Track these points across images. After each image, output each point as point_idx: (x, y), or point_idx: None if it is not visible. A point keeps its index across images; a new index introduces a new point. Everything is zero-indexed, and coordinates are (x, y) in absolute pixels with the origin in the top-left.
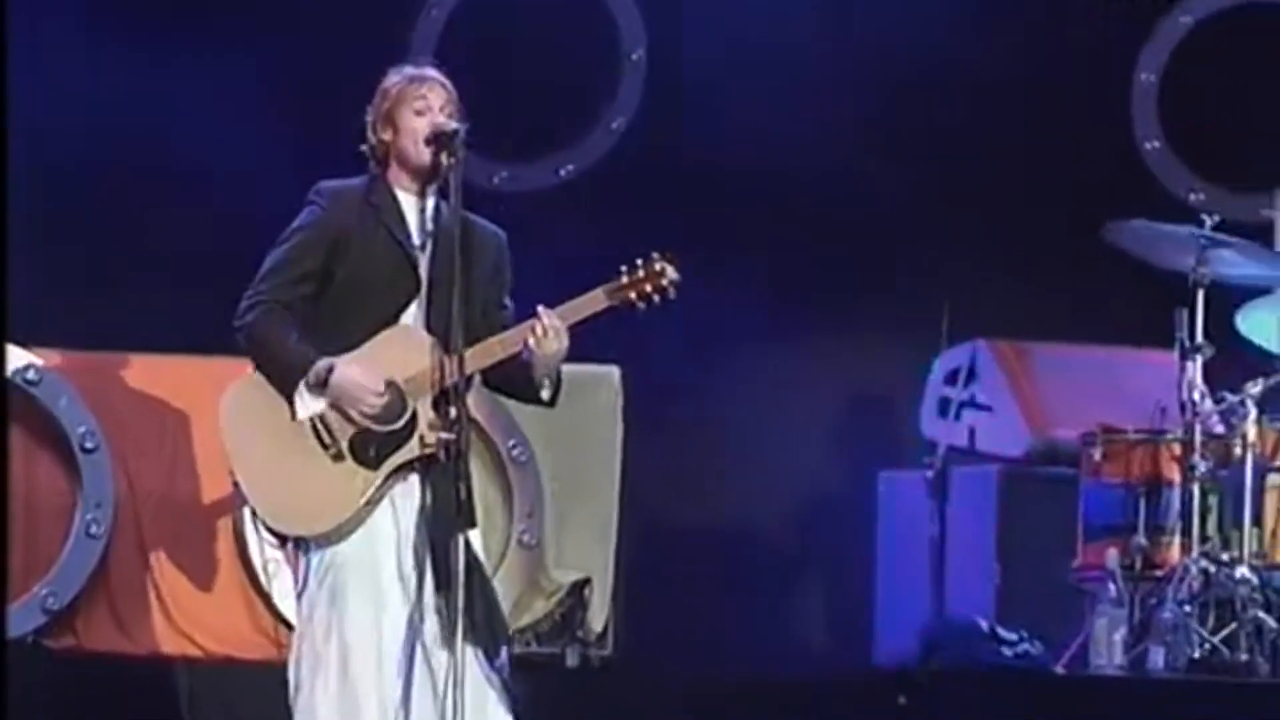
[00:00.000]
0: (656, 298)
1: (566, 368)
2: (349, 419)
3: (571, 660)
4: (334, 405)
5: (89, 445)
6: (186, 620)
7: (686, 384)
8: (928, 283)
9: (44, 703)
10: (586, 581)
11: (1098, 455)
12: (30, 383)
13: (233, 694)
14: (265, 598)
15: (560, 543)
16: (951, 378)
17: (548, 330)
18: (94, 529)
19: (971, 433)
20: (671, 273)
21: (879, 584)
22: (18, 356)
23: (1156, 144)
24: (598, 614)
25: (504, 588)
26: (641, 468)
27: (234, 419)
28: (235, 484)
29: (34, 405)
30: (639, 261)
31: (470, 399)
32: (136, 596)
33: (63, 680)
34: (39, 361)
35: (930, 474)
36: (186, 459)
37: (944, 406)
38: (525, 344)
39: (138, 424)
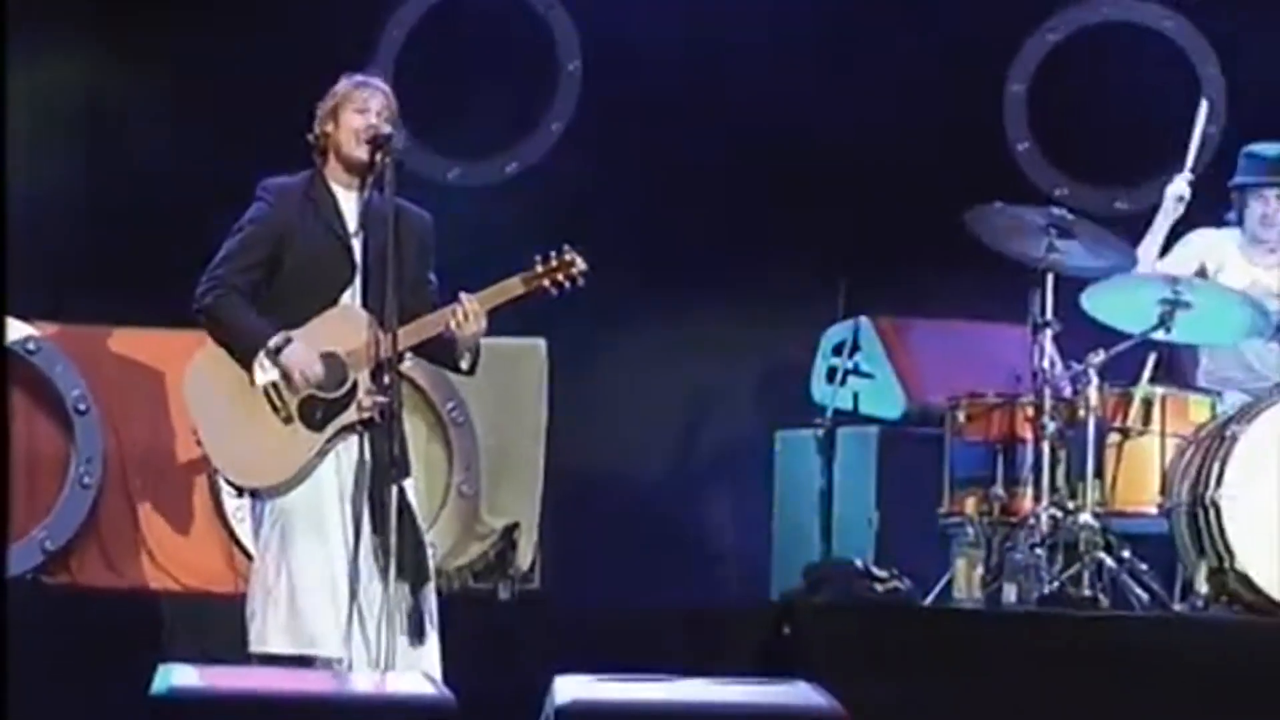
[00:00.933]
0: (567, 285)
1: (501, 340)
2: (297, 387)
3: (503, 594)
4: (286, 373)
5: (81, 407)
6: (167, 559)
7: (609, 353)
8: (819, 267)
9: (41, 632)
10: (515, 526)
11: (961, 417)
12: (30, 352)
13: (207, 623)
14: (235, 539)
15: (493, 492)
16: (838, 349)
17: (468, 314)
18: (86, 480)
19: (855, 397)
20: (580, 263)
21: (775, 528)
22: (18, 329)
23: (1026, 145)
24: (526, 554)
25: (445, 532)
26: (567, 426)
27: (196, 387)
28: (198, 443)
29: (33, 372)
30: (552, 253)
31: (415, 369)
32: (123, 538)
33: (58, 612)
34: (37, 333)
35: (819, 433)
36: (166, 419)
37: (832, 374)
38: (447, 325)
39: (124, 388)
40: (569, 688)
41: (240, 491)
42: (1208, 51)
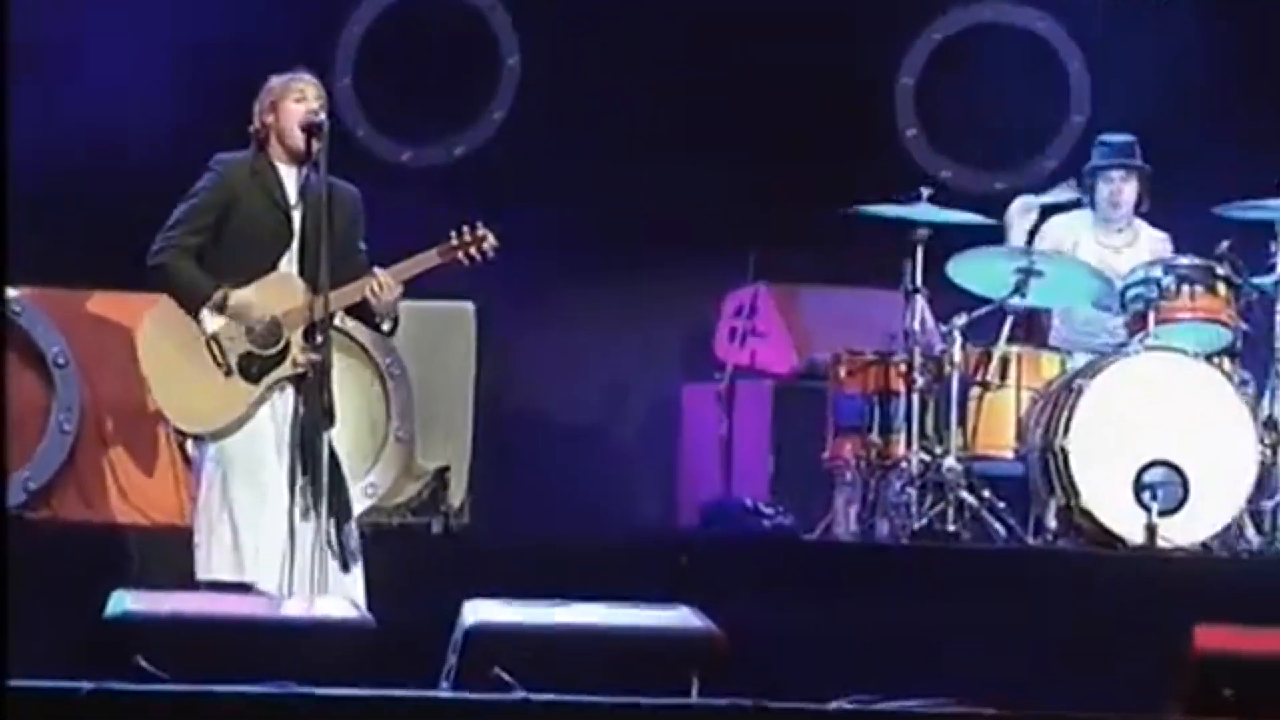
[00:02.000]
0: (478, 257)
1: (434, 303)
2: (237, 341)
3: (436, 529)
4: (231, 319)
5: (60, 361)
6: (136, 496)
7: (536, 315)
8: (725, 241)
9: (23, 562)
10: (447, 468)
11: (843, 372)
12: (15, 313)
13: (173, 553)
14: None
15: (427, 438)
16: (737, 312)
17: (382, 285)
18: (65, 427)
19: (753, 355)
20: (491, 239)
21: (681, 472)
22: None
23: (914, 132)
24: (456, 493)
25: (383, 473)
26: (497, 380)
27: (147, 343)
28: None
29: (18, 331)
30: (465, 229)
31: (357, 328)
32: (97, 478)
33: (39, 544)
34: (20, 295)
35: (721, 387)
36: (136, 373)
37: (732, 334)
38: (365, 294)
39: (99, 345)
40: (477, 610)
41: (185, 435)
42: (1075, 50)
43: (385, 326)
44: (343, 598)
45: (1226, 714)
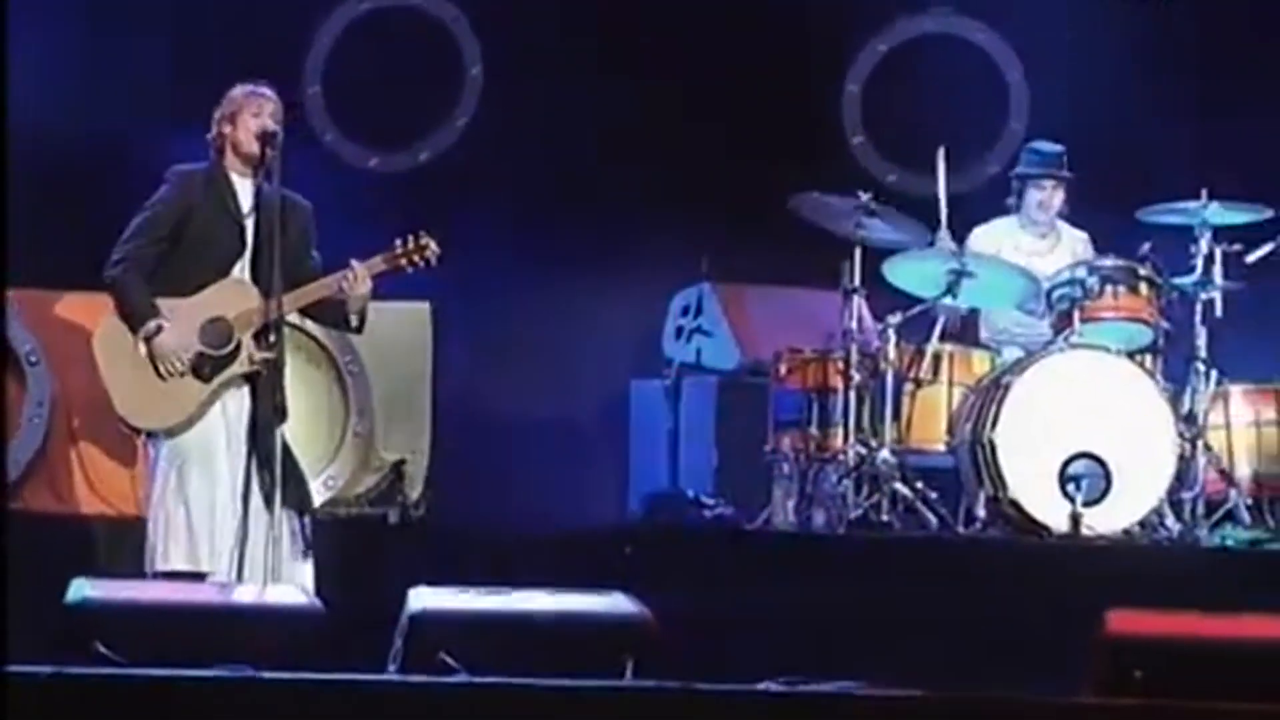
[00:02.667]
0: (422, 263)
1: (392, 304)
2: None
3: (393, 519)
4: (152, 358)
5: (33, 360)
6: (104, 487)
7: (494, 312)
8: (673, 244)
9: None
10: (404, 461)
11: (784, 369)
12: None
13: (136, 542)
14: None
15: (386, 432)
16: (684, 311)
17: (357, 276)
18: (36, 421)
19: (698, 352)
20: (433, 247)
21: (631, 464)
22: None
23: (860, 139)
24: (414, 484)
25: (343, 466)
26: (456, 376)
27: (103, 344)
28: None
29: None
30: (410, 237)
31: (320, 329)
32: (67, 470)
33: (11, 534)
34: None
35: (668, 383)
36: None
37: (679, 332)
38: (340, 287)
39: (68, 344)
40: (422, 597)
41: (138, 432)
42: (1014, 60)
43: (354, 321)
44: (293, 585)
45: (1136, 694)
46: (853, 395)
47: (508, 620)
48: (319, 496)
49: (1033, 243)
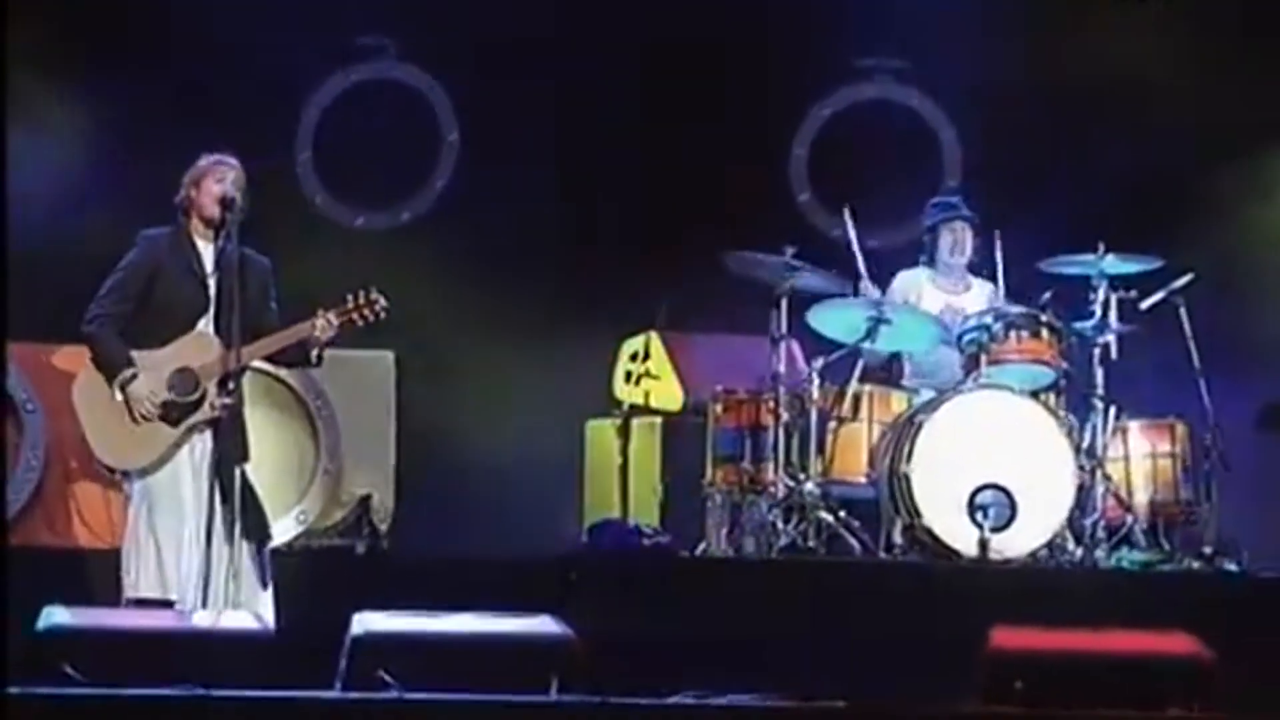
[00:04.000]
0: (372, 318)
1: (357, 352)
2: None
3: (360, 549)
4: (127, 402)
5: (30, 408)
6: (95, 523)
7: (458, 359)
8: (624, 293)
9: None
10: (369, 496)
11: (719, 408)
12: None
13: None
14: None
15: (352, 470)
16: (633, 357)
17: (327, 323)
18: (32, 463)
19: (646, 394)
20: (382, 301)
21: (585, 497)
22: None
23: (806, 196)
24: (380, 518)
25: (314, 501)
26: (418, 418)
27: (82, 393)
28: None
29: None
30: (360, 293)
31: (290, 376)
32: (61, 508)
33: (14, 565)
34: None
35: (618, 422)
36: None
37: (628, 376)
38: (312, 331)
39: (62, 393)
40: (364, 621)
41: (113, 472)
42: (946, 122)
43: (314, 360)
44: (247, 612)
45: (1016, 703)
46: (782, 432)
47: (443, 641)
48: (292, 530)
49: (950, 286)
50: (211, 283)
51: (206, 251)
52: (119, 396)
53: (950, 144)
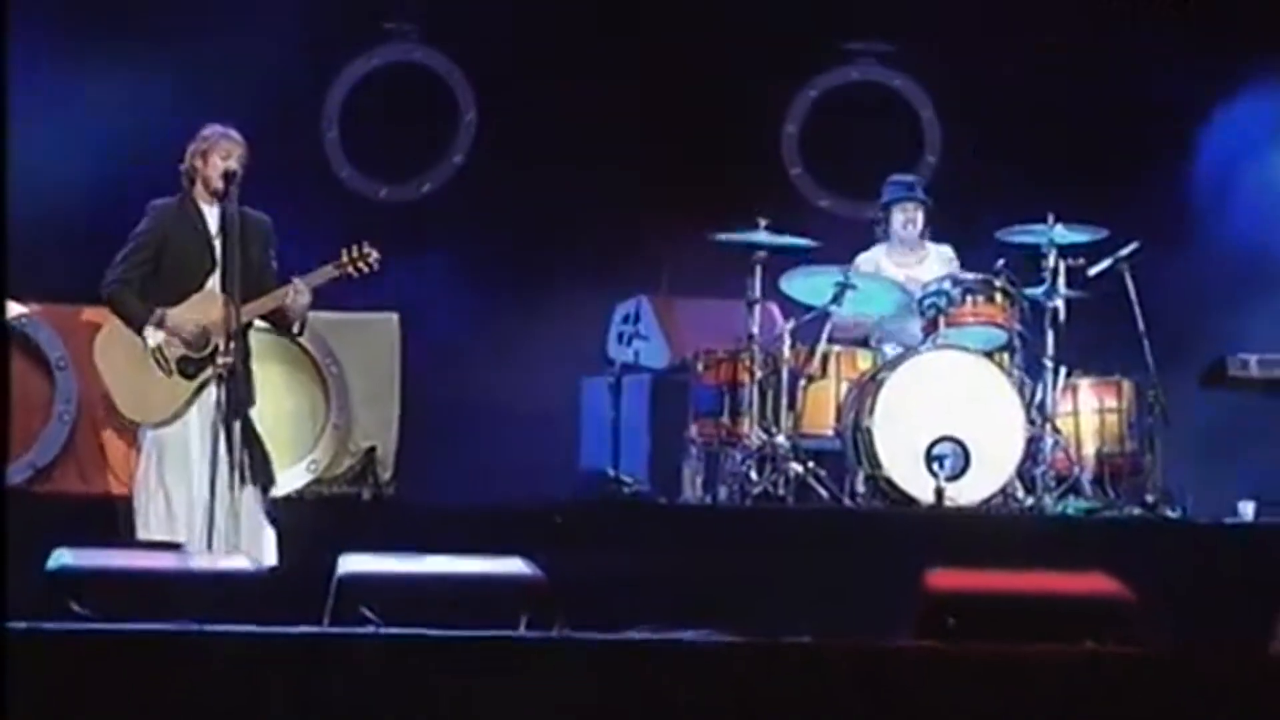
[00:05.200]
0: (366, 270)
1: (364, 314)
2: (174, 347)
3: (366, 496)
4: (170, 334)
5: (61, 365)
6: (121, 470)
7: (465, 322)
8: (623, 259)
9: (31, 526)
10: (375, 448)
11: (700, 367)
12: (24, 325)
13: None
14: None
15: (360, 423)
16: (625, 319)
17: (298, 290)
18: (64, 416)
19: (636, 354)
20: (375, 255)
21: (581, 449)
22: (14, 308)
23: (798, 171)
24: (385, 467)
25: (324, 452)
26: (424, 375)
27: (103, 351)
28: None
29: (27, 339)
30: (354, 246)
31: (304, 338)
32: (91, 456)
33: (43, 512)
34: (28, 310)
35: (611, 380)
36: None
37: (620, 336)
38: (284, 300)
39: (90, 350)
40: (349, 563)
41: (131, 423)
42: (926, 101)
43: (296, 329)
44: (243, 554)
45: (948, 638)
46: (756, 389)
47: (421, 581)
48: (304, 477)
49: (904, 257)
50: (217, 244)
51: (211, 215)
52: (159, 337)
53: (930, 121)
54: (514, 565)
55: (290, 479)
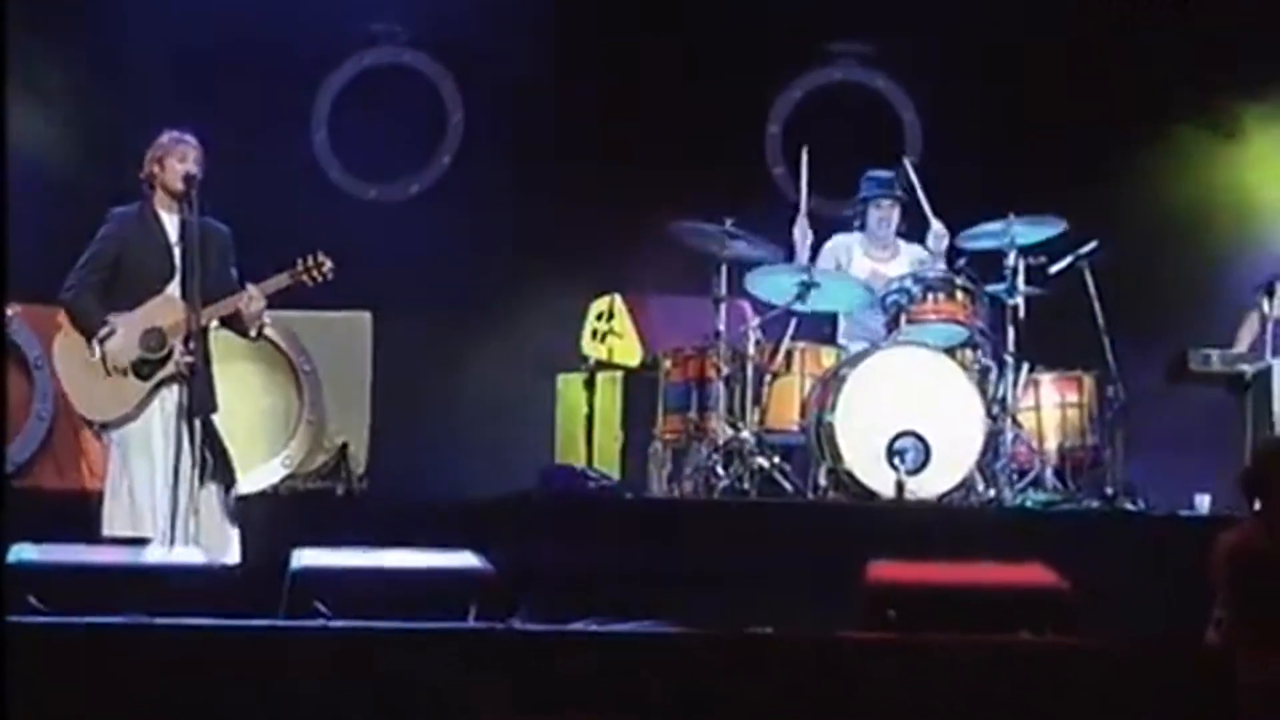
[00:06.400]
0: (319, 278)
1: (338, 313)
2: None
3: (340, 491)
4: (103, 358)
5: (39, 364)
6: (97, 467)
7: (445, 320)
8: (603, 257)
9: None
10: (347, 444)
11: (669, 364)
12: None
13: None
14: None
15: (333, 420)
16: (599, 316)
17: (253, 297)
18: (42, 414)
19: (610, 351)
20: (329, 264)
21: (556, 443)
22: None
23: (780, 170)
24: (357, 463)
25: (298, 448)
26: (402, 372)
27: (61, 353)
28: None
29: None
30: (308, 257)
31: (276, 335)
32: (68, 453)
33: (22, 506)
34: (10, 312)
35: (585, 376)
36: None
37: (595, 334)
38: (239, 306)
39: None
40: (302, 557)
41: (91, 425)
42: (908, 102)
43: (252, 333)
44: (202, 549)
45: (888, 629)
46: (723, 385)
47: (372, 575)
48: (279, 473)
49: (877, 253)
50: (176, 251)
51: (170, 222)
52: (98, 352)
53: (911, 122)
54: (464, 559)
55: (265, 474)
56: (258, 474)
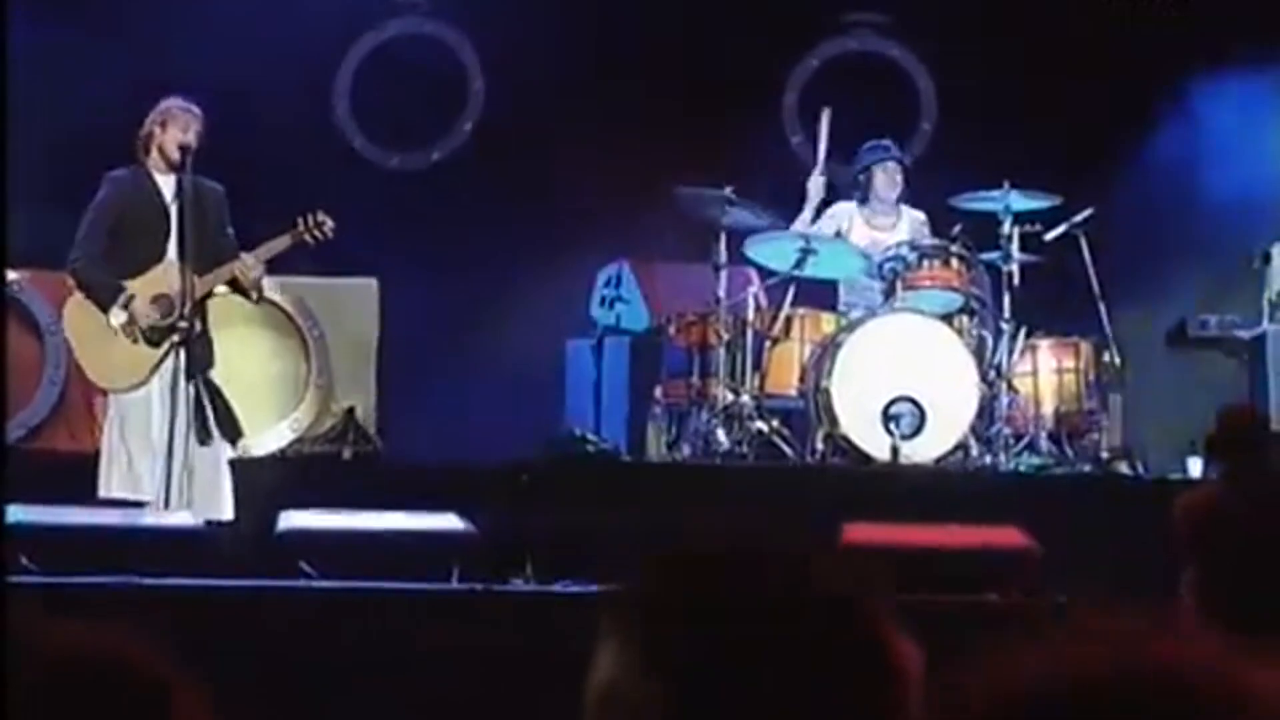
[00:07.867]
0: (321, 237)
1: (345, 280)
2: (146, 318)
3: (347, 454)
4: (133, 318)
5: (51, 330)
6: None
7: (460, 284)
8: (609, 224)
9: (24, 482)
10: (353, 408)
11: (672, 329)
12: (17, 291)
13: None
14: None
15: (341, 384)
16: (608, 282)
17: (248, 266)
18: (54, 379)
19: (618, 317)
20: (329, 224)
21: (566, 409)
22: (9, 275)
23: (798, 139)
24: (365, 426)
25: (306, 412)
26: (403, 338)
27: (72, 320)
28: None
29: (20, 305)
30: (309, 216)
31: (284, 301)
32: (80, 416)
33: (35, 468)
34: (20, 277)
35: (594, 341)
36: None
37: (603, 300)
38: (236, 273)
39: None
40: (290, 518)
41: (103, 391)
42: (923, 70)
43: (253, 297)
44: (185, 511)
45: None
46: (724, 351)
47: (358, 536)
48: (287, 436)
49: (879, 221)
50: (173, 211)
51: (166, 184)
52: (122, 318)
53: (926, 90)
54: (448, 521)
55: (273, 438)
56: (265, 438)
